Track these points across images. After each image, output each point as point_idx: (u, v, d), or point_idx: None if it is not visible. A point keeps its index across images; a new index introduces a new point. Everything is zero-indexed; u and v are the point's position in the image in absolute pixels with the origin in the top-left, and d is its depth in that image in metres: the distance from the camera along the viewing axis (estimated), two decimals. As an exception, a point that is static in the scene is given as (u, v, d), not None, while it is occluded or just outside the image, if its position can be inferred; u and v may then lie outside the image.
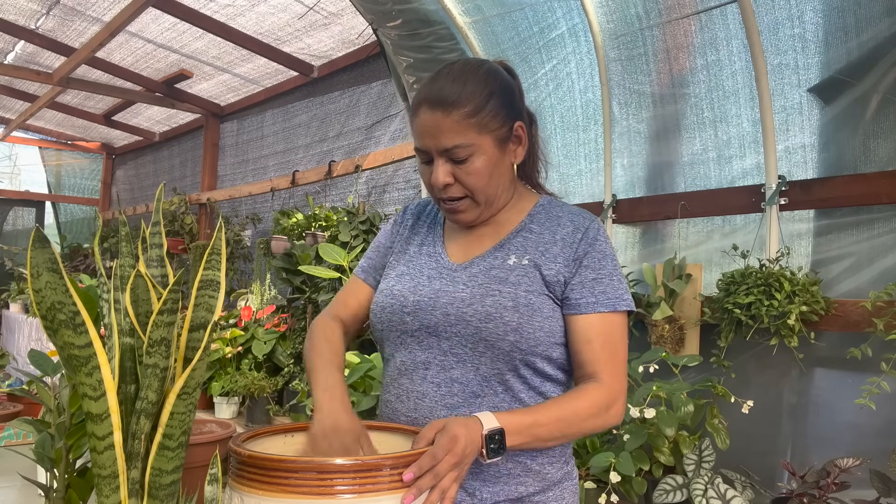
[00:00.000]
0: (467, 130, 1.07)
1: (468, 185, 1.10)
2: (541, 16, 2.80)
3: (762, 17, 2.20)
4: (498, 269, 1.12)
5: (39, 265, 0.68)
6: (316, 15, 4.05)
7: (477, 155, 1.09)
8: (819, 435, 2.08)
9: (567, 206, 1.20)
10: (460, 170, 1.09)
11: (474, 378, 1.08)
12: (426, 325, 1.11)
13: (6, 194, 8.61)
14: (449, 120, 1.07)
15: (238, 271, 5.40)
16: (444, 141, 1.07)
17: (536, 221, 1.18)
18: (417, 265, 1.19)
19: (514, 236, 1.16)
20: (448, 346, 1.10)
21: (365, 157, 4.23)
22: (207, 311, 0.81)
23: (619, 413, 1.08)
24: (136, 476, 0.75)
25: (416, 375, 1.12)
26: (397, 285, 1.17)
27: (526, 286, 1.09)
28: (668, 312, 2.32)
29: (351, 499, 0.78)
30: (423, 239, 1.25)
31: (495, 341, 1.06)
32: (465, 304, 1.09)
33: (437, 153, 1.09)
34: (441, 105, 1.07)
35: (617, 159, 2.73)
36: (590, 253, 1.12)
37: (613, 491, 2.05)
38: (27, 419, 1.02)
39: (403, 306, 1.14)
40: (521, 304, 1.07)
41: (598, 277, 1.11)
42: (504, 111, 1.11)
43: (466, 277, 1.13)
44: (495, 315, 1.06)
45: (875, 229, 2.04)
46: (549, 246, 1.13)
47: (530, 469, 1.10)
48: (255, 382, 3.53)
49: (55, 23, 4.90)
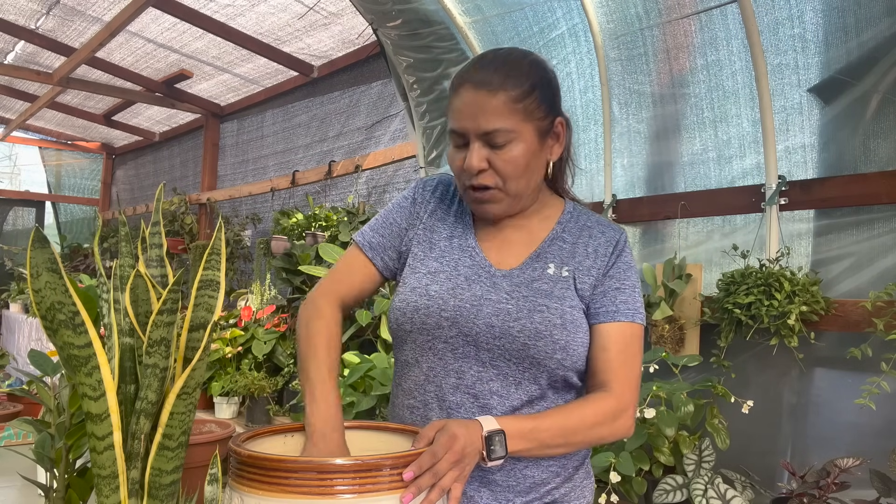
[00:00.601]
0: (511, 115, 1.02)
1: (503, 172, 1.04)
2: (541, 16, 2.80)
3: (762, 17, 2.20)
4: (540, 281, 1.08)
5: (39, 265, 0.68)
6: (316, 15, 4.05)
7: (516, 142, 1.03)
8: (819, 435, 2.08)
9: (594, 216, 1.19)
10: (497, 156, 1.03)
11: (515, 392, 1.05)
12: (465, 333, 1.05)
13: (6, 194, 8.61)
14: (494, 101, 1.01)
15: (238, 271, 5.40)
16: (484, 123, 1.02)
17: (568, 231, 1.15)
18: (451, 261, 1.11)
19: (548, 244, 1.13)
20: (488, 357, 1.05)
21: (365, 157, 4.23)
22: (207, 311, 0.81)
23: (627, 424, 1.05)
24: (135, 476, 0.75)
25: (447, 383, 1.07)
26: (433, 285, 1.08)
27: (570, 301, 1.07)
28: (668, 312, 2.32)
29: (351, 499, 0.78)
30: (452, 230, 1.16)
31: (542, 359, 1.04)
32: (511, 318, 1.04)
33: (476, 136, 1.03)
34: (487, 85, 1.02)
35: (617, 159, 2.73)
36: (616, 264, 1.11)
37: (613, 491, 2.05)
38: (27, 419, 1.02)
39: (442, 310, 1.06)
40: (567, 321, 1.05)
41: (620, 287, 1.10)
42: (547, 103, 1.07)
43: (509, 287, 1.08)
44: (545, 333, 1.03)
45: (875, 229, 2.04)
46: (583, 259, 1.11)
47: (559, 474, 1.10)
48: (255, 382, 3.53)
49: (55, 23, 4.90)
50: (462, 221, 1.17)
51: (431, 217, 1.18)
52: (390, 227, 1.19)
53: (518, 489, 1.07)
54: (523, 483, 1.07)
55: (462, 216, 1.18)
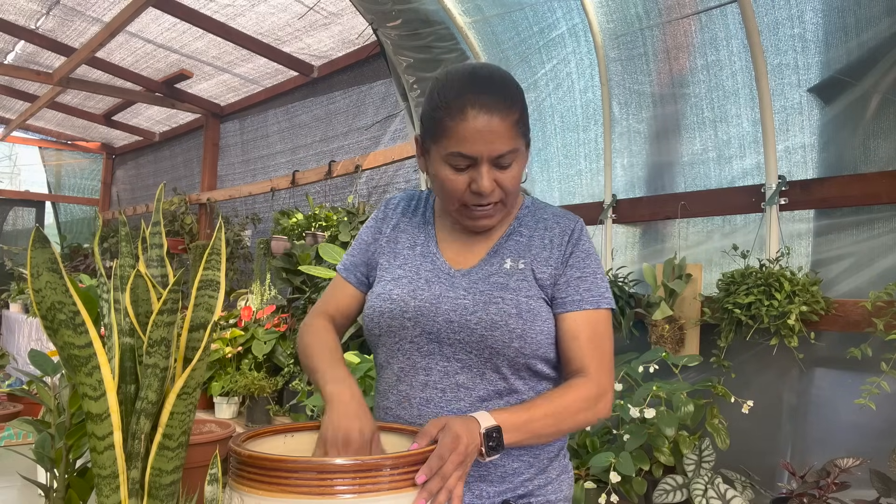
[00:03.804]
0: (516, 136, 1.07)
1: (506, 189, 1.09)
2: (541, 16, 2.80)
3: (762, 17, 2.20)
4: (496, 275, 1.13)
5: (39, 265, 0.68)
6: (316, 15, 4.05)
7: (518, 161, 1.09)
8: (819, 435, 2.08)
9: (551, 208, 1.23)
10: (502, 175, 1.07)
11: (480, 382, 1.10)
12: (427, 331, 1.11)
13: (6, 194, 8.61)
14: (504, 125, 1.04)
15: (238, 271, 5.40)
16: (499, 147, 1.04)
17: (524, 225, 1.19)
18: (413, 267, 1.18)
19: (505, 240, 1.18)
20: (451, 351, 1.10)
21: (365, 157, 4.23)
22: (207, 311, 0.81)
23: (607, 406, 1.10)
24: (136, 476, 0.75)
25: (416, 381, 1.12)
26: (395, 289, 1.15)
27: (525, 291, 1.11)
28: (668, 312, 2.32)
29: (351, 499, 0.78)
30: (415, 238, 1.22)
31: (500, 348, 1.08)
32: (468, 312, 1.09)
33: (487, 160, 1.05)
34: (496, 110, 1.03)
35: (617, 159, 2.73)
36: (575, 252, 1.15)
37: (613, 491, 2.05)
38: (27, 419, 1.02)
39: (404, 311, 1.12)
40: (523, 310, 1.09)
41: (582, 276, 1.13)
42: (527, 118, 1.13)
43: (467, 284, 1.13)
44: (500, 323, 1.07)
45: (875, 229, 2.04)
46: (539, 250, 1.15)
47: (533, 465, 1.13)
48: (255, 382, 3.53)
49: (55, 23, 4.90)
50: (424, 231, 1.23)
51: (395, 230, 1.24)
52: (360, 245, 1.27)
53: (490, 479, 1.10)
54: (494, 473, 1.10)
55: (424, 226, 1.24)
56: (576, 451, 2.34)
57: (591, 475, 2.18)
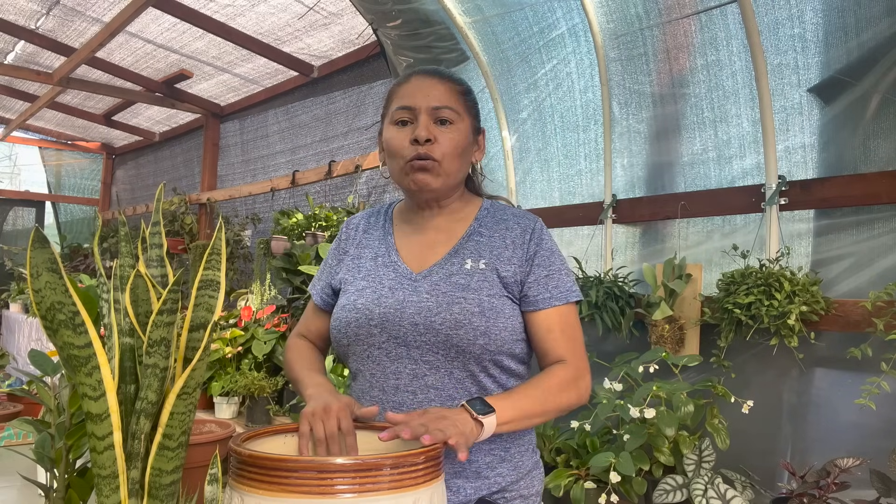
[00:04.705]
0: (457, 100, 1.18)
1: (444, 148, 1.16)
2: (541, 16, 2.80)
3: (762, 17, 2.20)
4: (457, 276, 1.16)
5: (39, 265, 0.68)
6: (316, 15, 4.05)
7: (459, 125, 1.18)
8: (819, 435, 2.08)
9: (510, 209, 1.27)
10: (441, 133, 1.16)
11: (449, 381, 1.13)
12: (394, 335, 1.14)
13: (6, 194, 8.61)
14: (443, 86, 1.18)
15: (238, 271, 5.40)
16: (435, 100, 1.16)
17: (484, 225, 1.23)
18: (377, 277, 1.21)
19: (465, 241, 1.21)
20: (418, 353, 1.13)
21: (365, 157, 4.23)
22: (207, 311, 0.81)
23: (587, 387, 1.17)
24: (135, 476, 0.75)
25: (387, 386, 1.15)
26: (360, 299, 1.19)
27: (487, 290, 1.15)
28: (668, 312, 2.32)
29: (351, 499, 0.78)
30: (377, 251, 1.26)
31: (466, 346, 1.11)
32: (432, 314, 1.12)
33: (426, 110, 1.16)
34: (436, 74, 1.20)
35: (617, 159, 2.73)
36: (539, 252, 1.19)
37: (613, 491, 2.05)
38: (27, 419, 1.02)
39: (370, 319, 1.16)
40: (486, 308, 1.12)
41: (549, 274, 1.18)
42: (476, 111, 1.24)
43: (429, 286, 1.16)
44: (464, 322, 1.11)
45: (875, 229, 2.04)
46: (501, 250, 1.19)
47: (505, 459, 1.16)
48: (255, 382, 3.53)
49: (55, 23, 4.90)
50: (385, 242, 1.27)
51: (358, 248, 1.30)
52: (325, 269, 1.34)
53: (465, 475, 1.13)
54: (469, 469, 1.13)
55: (384, 238, 1.28)
56: (576, 451, 2.34)
57: (591, 475, 2.18)
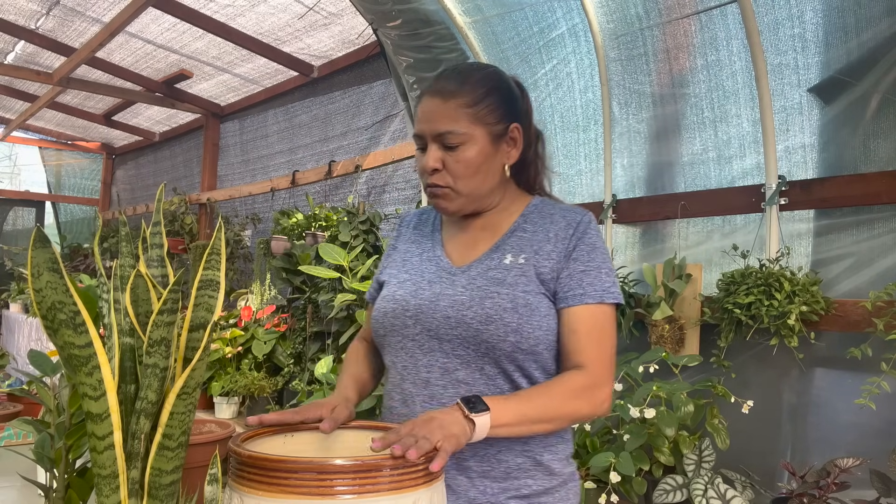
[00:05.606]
0: (462, 119, 1.11)
1: (454, 172, 1.13)
2: (541, 16, 2.80)
3: (762, 17, 2.20)
4: (495, 270, 1.13)
5: (40, 265, 0.68)
6: (316, 15, 4.05)
7: (469, 145, 1.12)
8: (819, 435, 2.08)
9: (560, 205, 1.22)
10: (450, 157, 1.12)
11: (479, 377, 1.10)
12: (427, 328, 1.12)
13: (6, 194, 8.61)
14: (445, 107, 1.12)
15: (238, 271, 5.40)
16: (437, 126, 1.11)
17: (530, 221, 1.19)
18: (419, 270, 1.21)
19: (508, 237, 1.18)
20: (450, 347, 1.11)
21: (365, 157, 4.23)
22: (207, 311, 0.81)
23: (604, 399, 1.08)
24: (135, 476, 0.75)
25: (418, 379, 1.13)
26: (399, 290, 1.18)
27: (523, 286, 1.10)
28: (668, 312, 2.32)
29: (351, 499, 0.78)
30: (423, 247, 1.26)
31: (496, 343, 1.07)
32: (464, 307, 1.09)
33: (431, 138, 1.13)
34: (440, 94, 1.13)
35: (617, 159, 2.73)
36: (579, 246, 1.13)
37: (613, 491, 2.05)
38: (27, 419, 1.02)
39: (405, 310, 1.15)
40: (519, 304, 1.08)
41: (586, 269, 1.12)
42: (502, 109, 1.15)
43: (465, 280, 1.14)
44: (495, 317, 1.07)
45: (875, 229, 2.04)
46: (542, 244, 1.15)
47: (540, 464, 1.11)
48: (255, 382, 3.53)
49: (55, 23, 4.90)
50: (432, 238, 1.27)
51: (407, 243, 1.30)
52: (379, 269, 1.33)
53: (493, 475, 1.10)
54: (497, 468, 1.10)
55: (432, 234, 1.28)
56: (576, 452, 2.33)
57: (591, 475, 2.18)
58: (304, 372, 3.60)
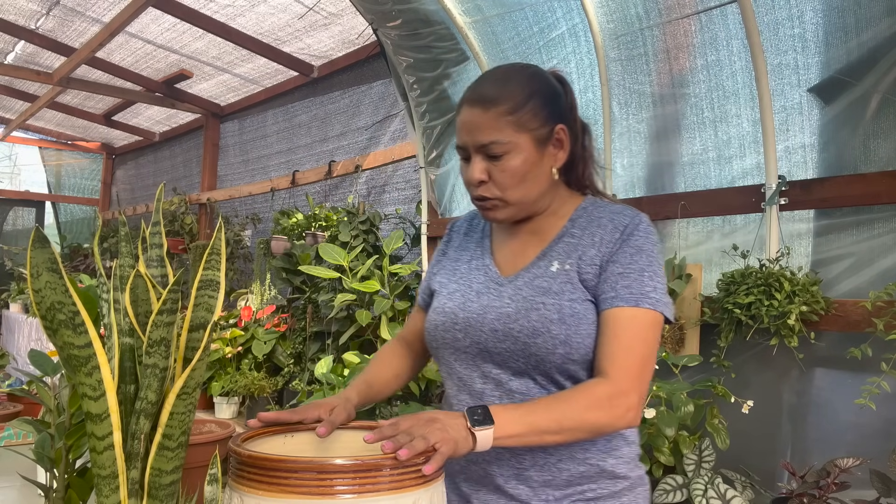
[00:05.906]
0: (504, 127, 1.07)
1: (501, 183, 1.09)
2: (541, 16, 2.80)
3: (762, 17, 2.20)
4: (541, 279, 1.10)
5: (39, 265, 0.68)
6: (316, 15, 4.05)
7: (514, 153, 1.08)
8: (819, 435, 2.08)
9: (610, 206, 1.17)
10: (495, 167, 1.08)
11: (534, 386, 1.08)
12: (476, 341, 1.11)
13: (6, 194, 8.61)
14: (486, 116, 1.07)
15: (238, 271, 5.40)
16: (480, 137, 1.08)
17: (577, 226, 1.15)
18: (468, 280, 1.19)
19: (556, 243, 1.14)
20: (501, 359, 1.09)
21: (365, 157, 4.23)
22: (207, 311, 0.80)
23: (629, 408, 1.00)
24: (135, 476, 0.75)
25: (473, 390, 1.13)
26: (449, 303, 1.17)
27: (569, 294, 1.07)
28: (668, 312, 2.32)
29: (351, 499, 0.78)
30: (472, 254, 1.24)
31: (545, 355, 1.05)
32: (511, 320, 1.07)
33: (474, 149, 1.09)
34: (480, 102, 1.08)
35: (617, 159, 2.73)
36: (623, 249, 1.08)
37: (613, 491, 2.05)
38: (27, 419, 1.02)
39: (455, 323, 1.14)
40: (566, 314, 1.05)
41: (623, 272, 1.06)
42: (545, 112, 1.10)
43: (512, 291, 1.11)
44: (542, 330, 1.04)
45: (875, 229, 2.04)
46: (587, 248, 1.10)
47: (603, 470, 1.09)
48: (255, 382, 3.54)
49: (55, 23, 4.90)
50: (482, 245, 1.24)
51: (457, 250, 1.28)
52: (428, 272, 1.33)
53: (556, 483, 1.08)
54: (559, 477, 1.08)
55: (482, 241, 1.25)
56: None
57: (591, 475, 2.18)
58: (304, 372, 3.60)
